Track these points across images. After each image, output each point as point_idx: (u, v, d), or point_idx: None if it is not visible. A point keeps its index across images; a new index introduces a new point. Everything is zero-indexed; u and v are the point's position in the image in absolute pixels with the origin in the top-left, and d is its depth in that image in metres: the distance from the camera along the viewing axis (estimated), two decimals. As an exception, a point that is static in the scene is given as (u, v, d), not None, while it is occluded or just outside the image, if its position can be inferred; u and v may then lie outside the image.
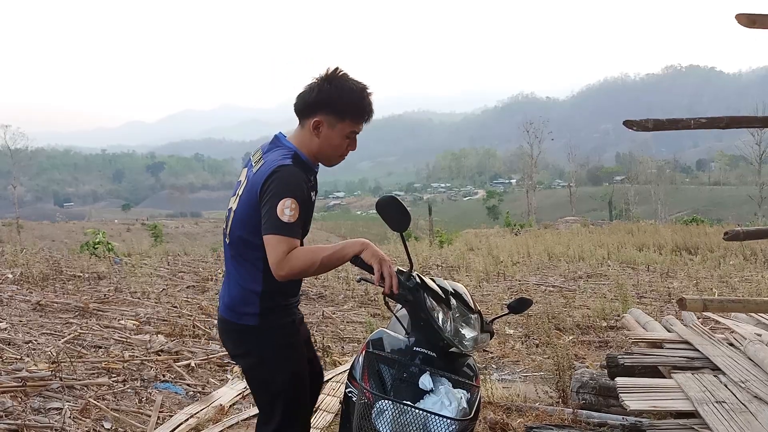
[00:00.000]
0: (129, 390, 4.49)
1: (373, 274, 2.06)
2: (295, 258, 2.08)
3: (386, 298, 2.17)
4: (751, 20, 3.64)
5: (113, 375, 4.69)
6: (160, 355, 5.32)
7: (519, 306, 2.44)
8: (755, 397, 3.35)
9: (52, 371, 4.39)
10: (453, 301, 2.17)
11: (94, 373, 4.68)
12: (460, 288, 2.29)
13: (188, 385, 4.85)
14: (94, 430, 3.78)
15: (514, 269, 12.08)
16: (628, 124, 3.70)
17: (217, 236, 33.71)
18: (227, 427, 4.10)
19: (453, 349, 2.16)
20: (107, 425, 3.89)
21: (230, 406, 4.48)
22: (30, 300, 6.84)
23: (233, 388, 4.83)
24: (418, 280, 2.15)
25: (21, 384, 4.09)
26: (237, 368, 5.34)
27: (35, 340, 5.28)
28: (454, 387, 2.06)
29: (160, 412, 4.19)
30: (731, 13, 3.73)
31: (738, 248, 13.89)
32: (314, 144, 2.30)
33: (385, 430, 1.93)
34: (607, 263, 13.09)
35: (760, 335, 4.43)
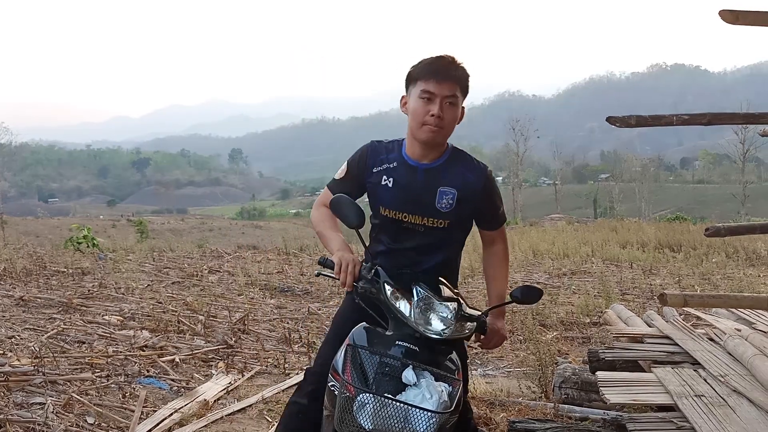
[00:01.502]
0: (112, 385, 4.47)
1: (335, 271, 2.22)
2: (315, 208, 2.61)
3: (358, 294, 2.24)
4: (734, 16, 3.68)
5: (97, 370, 4.67)
6: (144, 351, 5.30)
7: (524, 296, 2.28)
8: (734, 390, 3.40)
9: (34, 366, 4.36)
10: (419, 290, 2.16)
11: (77, 369, 4.66)
12: (435, 284, 2.26)
13: (172, 380, 4.84)
14: (77, 425, 3.76)
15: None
16: (611, 120, 3.73)
17: (202, 232, 33.58)
18: (211, 422, 4.10)
19: (435, 339, 2.14)
20: (90, 420, 3.87)
21: (214, 401, 4.48)
22: (13, 295, 6.79)
23: (217, 383, 4.82)
24: (380, 273, 2.20)
25: (3, 379, 4.06)
26: (221, 363, 5.34)
27: (18, 335, 5.24)
28: (436, 380, 2.06)
29: (143, 407, 4.18)
30: (716, 10, 3.76)
31: (721, 246, 14.04)
32: (409, 123, 2.42)
33: (366, 423, 1.93)
34: (591, 260, 13.19)
35: (739, 330, 4.49)
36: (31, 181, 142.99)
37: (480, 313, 2.27)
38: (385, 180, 2.44)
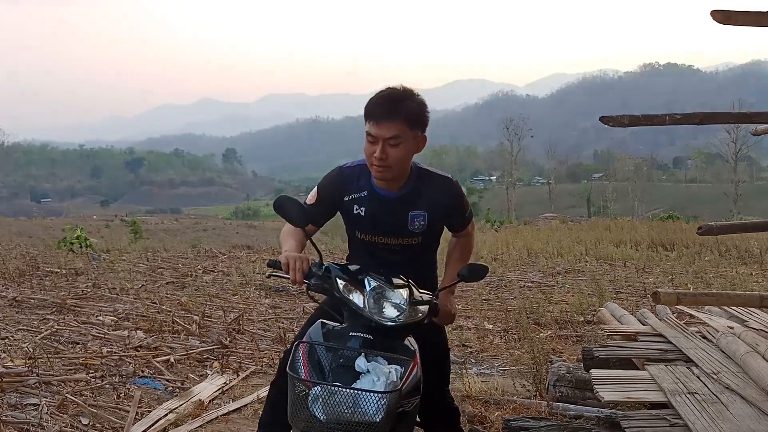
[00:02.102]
0: (107, 386, 4.47)
1: (284, 271, 2.28)
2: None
3: (309, 291, 2.30)
4: (725, 16, 3.70)
5: (91, 371, 4.66)
6: (138, 351, 5.29)
7: (470, 274, 2.40)
8: (727, 388, 3.42)
9: (28, 367, 4.35)
10: (370, 280, 2.22)
11: (71, 369, 4.65)
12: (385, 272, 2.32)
13: (167, 380, 4.84)
14: (71, 425, 3.76)
15: (494, 265, 12.17)
16: (604, 119, 3.75)
17: (196, 232, 33.43)
18: (207, 422, 4.10)
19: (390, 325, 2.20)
20: (85, 421, 3.87)
21: (210, 401, 4.48)
22: (6, 296, 6.75)
23: (212, 383, 4.82)
24: (331, 268, 2.25)
25: (-3, 380, 4.06)
26: (216, 363, 5.34)
27: (11, 336, 5.22)
28: (390, 364, 2.11)
29: (138, 407, 4.17)
30: (708, 10, 3.79)
31: (713, 244, 14.10)
32: None
33: (320, 414, 1.97)
34: (585, 259, 13.23)
35: (732, 328, 4.51)
36: (23, 181, 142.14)
37: (431, 296, 2.35)
38: (357, 209, 2.55)
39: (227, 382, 4.87)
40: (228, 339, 6.00)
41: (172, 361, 5.21)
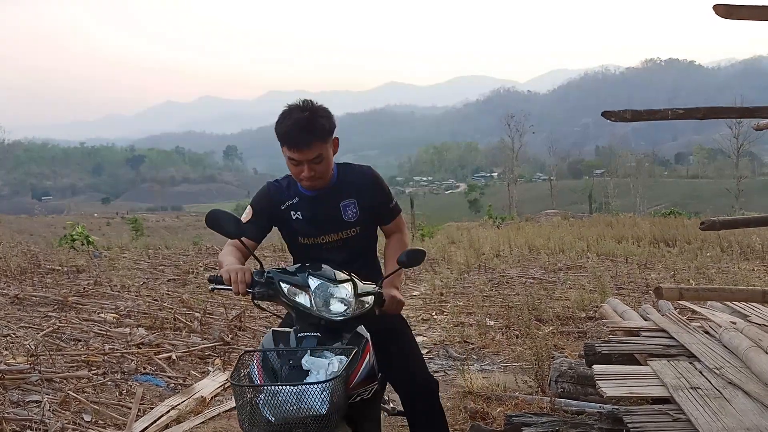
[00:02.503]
0: (109, 383, 4.47)
1: (226, 284, 2.28)
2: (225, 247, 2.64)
3: (254, 301, 2.31)
4: (728, 11, 3.68)
5: (93, 368, 4.67)
6: (140, 348, 5.29)
7: (409, 259, 2.46)
8: (729, 383, 3.41)
9: (30, 364, 4.35)
10: (312, 280, 2.25)
11: (73, 366, 4.65)
12: (326, 267, 2.35)
13: (169, 377, 4.84)
14: (74, 422, 3.76)
15: (495, 262, 12.16)
16: (606, 115, 3.74)
17: (197, 230, 33.47)
18: (209, 419, 4.11)
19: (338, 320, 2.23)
20: (87, 418, 3.87)
21: (211, 398, 4.49)
22: (8, 293, 6.76)
23: (214, 380, 4.83)
24: (273, 273, 2.26)
25: (-1, 377, 4.06)
26: (218, 360, 5.34)
27: (13, 334, 5.23)
28: (337, 356, 2.13)
29: (140, 404, 4.18)
30: (710, 4, 3.77)
31: (715, 240, 14.08)
32: None
33: (269, 416, 1.99)
34: (587, 255, 13.22)
35: (735, 323, 4.50)
36: (24, 179, 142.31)
37: (374, 286, 2.40)
38: (294, 214, 2.66)
39: (229, 379, 4.87)
40: (229, 336, 6.01)
41: (174, 358, 5.21)
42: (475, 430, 3.70)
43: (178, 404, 4.26)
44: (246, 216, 2.66)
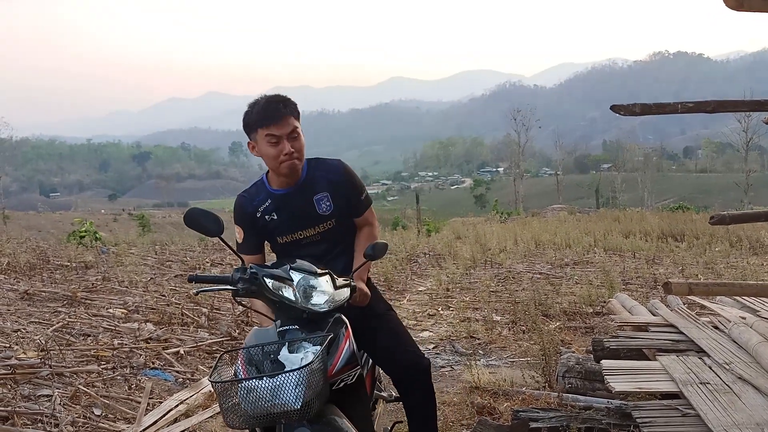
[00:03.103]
0: (118, 377, 4.50)
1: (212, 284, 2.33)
2: None
3: (236, 297, 2.32)
4: (739, 2, 3.64)
5: (102, 362, 4.69)
6: (149, 343, 5.32)
7: (375, 252, 2.54)
8: (739, 378, 3.40)
9: (41, 359, 4.38)
10: (294, 274, 2.28)
11: (83, 361, 4.68)
12: (302, 261, 2.38)
13: (177, 372, 4.86)
14: (84, 416, 3.78)
15: (501, 257, 12.15)
16: (615, 109, 3.72)
17: (204, 225, 33.55)
18: (217, 413, 4.12)
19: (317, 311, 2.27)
20: (97, 411, 3.90)
21: (220, 392, 4.50)
22: (17, 289, 6.80)
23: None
24: (257, 270, 2.27)
25: (10, 372, 4.09)
26: (226, 356, 5.36)
27: (24, 329, 5.26)
28: (313, 346, 2.15)
29: (150, 398, 4.20)
30: (719, -4, 3.73)
31: (724, 235, 14.01)
32: (267, 164, 2.66)
33: (250, 410, 2.01)
34: (594, 250, 13.18)
35: (744, 318, 4.49)
36: (32, 175, 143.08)
37: (347, 279, 2.46)
38: (269, 217, 2.71)
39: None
40: (237, 331, 6.03)
41: (182, 352, 5.24)
42: (482, 425, 3.70)
43: (187, 398, 4.28)
44: (239, 236, 2.75)
